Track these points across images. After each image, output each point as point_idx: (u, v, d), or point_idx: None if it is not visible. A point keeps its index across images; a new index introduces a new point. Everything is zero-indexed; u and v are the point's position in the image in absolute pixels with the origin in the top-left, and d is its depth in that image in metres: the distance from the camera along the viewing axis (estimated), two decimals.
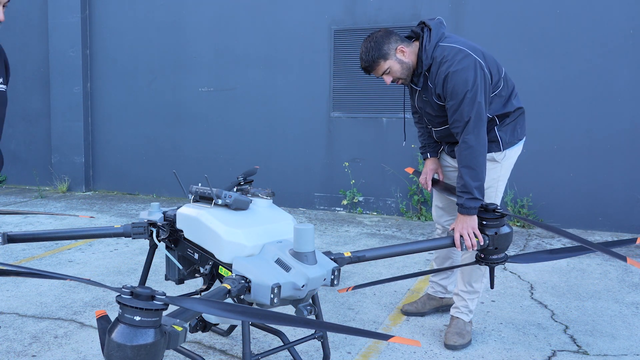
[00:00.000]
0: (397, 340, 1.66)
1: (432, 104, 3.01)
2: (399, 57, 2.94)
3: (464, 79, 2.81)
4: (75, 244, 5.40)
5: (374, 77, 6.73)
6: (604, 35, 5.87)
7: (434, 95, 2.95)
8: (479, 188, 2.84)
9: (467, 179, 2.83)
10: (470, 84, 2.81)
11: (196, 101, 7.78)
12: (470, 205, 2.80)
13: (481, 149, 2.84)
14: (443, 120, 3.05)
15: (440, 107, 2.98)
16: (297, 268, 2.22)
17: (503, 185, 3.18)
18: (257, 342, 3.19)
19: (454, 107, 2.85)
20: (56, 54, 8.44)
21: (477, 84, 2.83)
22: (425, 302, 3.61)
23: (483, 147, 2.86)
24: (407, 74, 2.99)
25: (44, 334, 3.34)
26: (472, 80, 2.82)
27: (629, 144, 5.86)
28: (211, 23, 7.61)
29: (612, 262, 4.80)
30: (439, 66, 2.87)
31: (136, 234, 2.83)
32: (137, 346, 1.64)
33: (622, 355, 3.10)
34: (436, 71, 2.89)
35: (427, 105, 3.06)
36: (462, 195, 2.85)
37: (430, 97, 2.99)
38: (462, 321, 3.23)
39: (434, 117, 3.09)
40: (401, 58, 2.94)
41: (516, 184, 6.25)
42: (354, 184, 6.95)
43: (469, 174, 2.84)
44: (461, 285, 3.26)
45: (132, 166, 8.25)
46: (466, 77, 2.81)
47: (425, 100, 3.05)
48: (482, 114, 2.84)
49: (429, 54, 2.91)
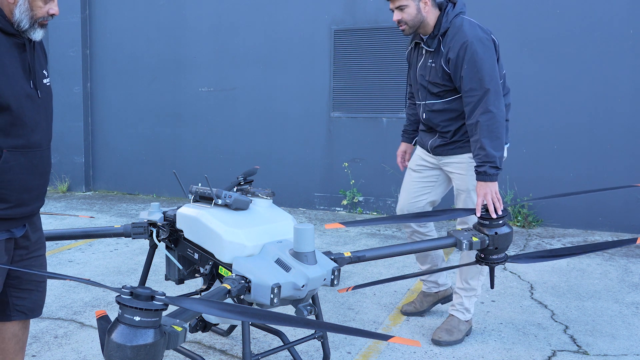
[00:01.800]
0: (397, 340, 1.66)
1: (437, 70, 3.03)
2: (420, 4, 3.00)
3: (483, 49, 2.89)
4: (75, 244, 5.40)
5: (374, 77, 6.76)
6: (604, 35, 5.87)
7: (444, 60, 2.98)
8: (501, 158, 2.94)
9: (489, 149, 2.88)
10: (489, 56, 2.90)
11: (196, 101, 7.78)
12: (493, 172, 2.90)
13: (502, 121, 2.92)
14: (441, 91, 3.07)
15: (445, 75, 3.01)
16: (297, 268, 2.22)
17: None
18: (257, 342, 3.19)
19: (471, 75, 2.89)
20: (56, 54, 8.43)
21: (494, 59, 2.93)
22: (422, 300, 3.62)
23: (503, 118, 2.94)
24: (414, 25, 3.03)
25: (44, 334, 3.34)
26: (491, 53, 2.92)
27: (629, 144, 5.86)
28: (211, 23, 7.61)
29: (612, 262, 4.80)
30: (457, 32, 2.95)
31: (136, 234, 2.83)
32: (137, 346, 1.64)
33: (622, 355, 3.10)
34: (453, 36, 2.96)
35: (430, 72, 3.08)
36: (484, 164, 2.90)
37: (438, 61, 3.02)
38: (457, 319, 3.24)
39: (434, 86, 3.09)
40: (421, 7, 3.00)
41: (516, 184, 6.25)
42: (354, 184, 6.94)
43: (492, 145, 2.89)
44: (459, 282, 3.27)
45: (132, 166, 8.25)
46: (486, 48, 2.90)
47: (431, 65, 3.07)
48: (499, 87, 2.93)
49: (449, 18, 3.01)
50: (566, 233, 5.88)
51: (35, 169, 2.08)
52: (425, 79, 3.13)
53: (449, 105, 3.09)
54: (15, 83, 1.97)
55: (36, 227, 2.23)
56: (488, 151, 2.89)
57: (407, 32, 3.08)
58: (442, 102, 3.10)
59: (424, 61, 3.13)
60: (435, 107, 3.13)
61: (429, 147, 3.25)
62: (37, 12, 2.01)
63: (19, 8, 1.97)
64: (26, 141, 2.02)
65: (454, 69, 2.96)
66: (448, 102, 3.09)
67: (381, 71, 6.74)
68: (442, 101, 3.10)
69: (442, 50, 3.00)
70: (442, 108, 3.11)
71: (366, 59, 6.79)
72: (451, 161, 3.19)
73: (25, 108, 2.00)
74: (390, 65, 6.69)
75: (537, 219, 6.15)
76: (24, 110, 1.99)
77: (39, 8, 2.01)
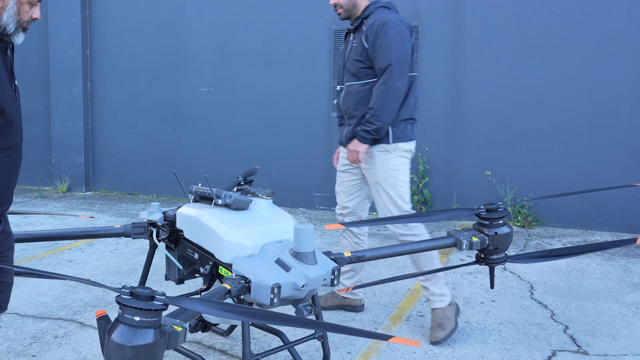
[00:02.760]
0: (397, 340, 1.66)
1: (357, 47, 3.28)
2: None
3: (397, 30, 3.18)
4: (75, 244, 5.40)
5: None
6: (604, 35, 5.87)
7: (364, 36, 3.24)
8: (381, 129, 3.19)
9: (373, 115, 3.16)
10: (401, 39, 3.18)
11: (196, 101, 7.78)
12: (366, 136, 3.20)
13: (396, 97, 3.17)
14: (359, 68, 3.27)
15: (364, 51, 3.24)
16: (297, 268, 2.22)
17: (405, 177, 3.36)
18: (257, 342, 3.19)
19: (382, 47, 3.16)
20: (56, 54, 8.43)
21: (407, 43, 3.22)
22: (328, 299, 3.67)
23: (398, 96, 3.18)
24: (349, 9, 3.33)
25: (44, 334, 3.34)
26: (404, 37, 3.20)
27: (629, 144, 5.86)
28: (211, 23, 7.61)
29: (612, 262, 4.80)
30: (379, 15, 3.24)
31: (136, 234, 2.83)
32: (137, 346, 1.64)
33: (622, 355, 3.10)
34: (375, 18, 3.24)
35: (352, 51, 3.33)
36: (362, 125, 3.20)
37: (359, 39, 3.28)
38: (440, 310, 3.26)
39: (353, 64, 3.30)
40: None
41: (516, 184, 6.25)
42: None
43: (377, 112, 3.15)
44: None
45: (132, 166, 8.25)
46: (401, 30, 3.20)
47: (353, 44, 3.33)
48: (405, 68, 3.18)
49: (376, 5, 3.32)
50: (566, 233, 5.88)
51: (16, 168, 2.13)
52: (348, 60, 3.37)
53: (364, 87, 3.28)
54: (6, 86, 2.01)
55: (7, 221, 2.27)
56: (372, 115, 3.17)
57: (342, 15, 3.37)
58: (358, 84, 3.31)
59: (350, 45, 3.39)
60: (352, 89, 3.34)
61: (343, 139, 3.43)
62: (23, 17, 2.06)
63: (8, 12, 2.01)
64: (12, 142, 2.06)
65: (372, 44, 3.21)
66: (363, 84, 3.29)
67: None
68: (358, 83, 3.31)
69: (362, 29, 3.29)
70: (357, 90, 3.31)
71: None
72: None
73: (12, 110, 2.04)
74: None
75: (537, 219, 6.15)
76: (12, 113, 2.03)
77: (25, 12, 2.06)
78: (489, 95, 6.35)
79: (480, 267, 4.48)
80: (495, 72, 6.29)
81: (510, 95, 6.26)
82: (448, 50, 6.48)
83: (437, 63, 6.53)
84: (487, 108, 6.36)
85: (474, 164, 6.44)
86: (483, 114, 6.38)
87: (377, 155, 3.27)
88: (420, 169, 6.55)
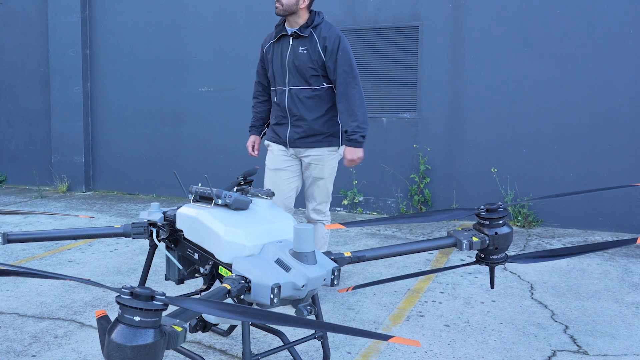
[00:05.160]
0: (397, 340, 1.66)
1: (311, 55, 3.52)
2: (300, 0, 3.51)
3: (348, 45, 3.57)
4: (75, 244, 5.40)
5: (374, 77, 6.75)
6: (604, 35, 5.87)
7: (321, 47, 3.51)
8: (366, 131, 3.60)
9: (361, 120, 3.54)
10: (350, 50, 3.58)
11: (196, 101, 7.78)
12: (362, 140, 3.56)
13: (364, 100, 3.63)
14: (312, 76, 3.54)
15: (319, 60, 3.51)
16: (297, 268, 2.22)
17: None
18: (257, 342, 3.19)
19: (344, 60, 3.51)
20: (56, 54, 8.44)
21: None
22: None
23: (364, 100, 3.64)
24: (288, 9, 3.50)
25: (44, 334, 3.34)
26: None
27: (629, 144, 5.86)
28: (211, 23, 7.61)
29: (612, 262, 4.80)
30: (330, 27, 3.55)
31: (136, 234, 2.83)
32: (137, 346, 1.64)
33: (622, 355, 3.10)
34: (327, 30, 3.53)
35: (303, 57, 3.54)
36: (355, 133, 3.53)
37: (313, 47, 3.52)
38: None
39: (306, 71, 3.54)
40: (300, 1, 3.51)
41: (516, 184, 6.25)
42: (354, 184, 6.94)
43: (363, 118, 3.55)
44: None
45: (132, 166, 8.25)
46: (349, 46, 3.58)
47: (303, 52, 3.53)
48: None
49: (321, 17, 3.59)
50: (566, 233, 5.88)
51: None
52: (295, 64, 3.57)
53: (315, 93, 3.59)
54: None
55: None
56: (361, 121, 3.52)
57: (278, 11, 3.53)
58: (310, 89, 3.58)
59: (292, 49, 3.58)
60: (303, 94, 3.58)
61: (287, 140, 3.69)
62: None
63: None
64: None
65: (330, 55, 3.50)
66: (314, 90, 3.59)
67: (381, 71, 6.73)
68: (310, 88, 3.58)
69: (315, 39, 3.52)
70: (309, 95, 3.59)
71: (366, 59, 6.78)
72: (311, 154, 3.69)
73: None
74: (390, 65, 6.69)
75: (537, 219, 6.15)
76: None
77: None
78: (489, 95, 6.35)
79: (480, 267, 4.48)
80: (495, 72, 6.29)
81: (510, 95, 6.27)
82: (448, 50, 6.48)
83: (437, 63, 6.53)
84: (487, 108, 6.36)
85: (474, 164, 6.45)
86: (483, 114, 6.38)
87: (327, 155, 3.70)
88: (422, 169, 6.55)
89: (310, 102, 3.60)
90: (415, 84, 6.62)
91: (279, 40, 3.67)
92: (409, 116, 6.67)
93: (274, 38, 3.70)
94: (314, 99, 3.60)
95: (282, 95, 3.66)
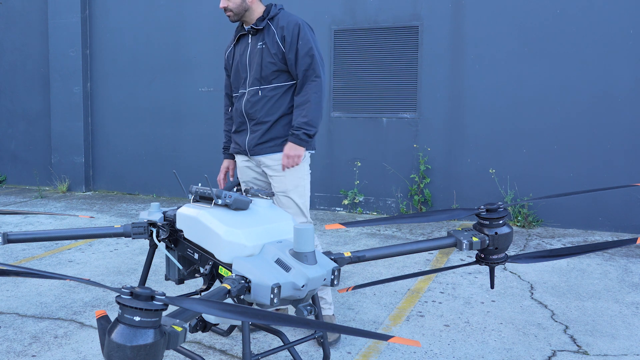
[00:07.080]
0: (397, 340, 1.66)
1: (270, 48, 3.16)
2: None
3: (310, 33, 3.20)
4: (75, 244, 5.40)
5: (374, 77, 6.76)
6: (604, 35, 5.87)
7: (279, 37, 3.16)
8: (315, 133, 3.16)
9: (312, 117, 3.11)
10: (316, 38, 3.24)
11: (196, 101, 7.78)
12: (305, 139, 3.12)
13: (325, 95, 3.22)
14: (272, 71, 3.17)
15: (279, 52, 3.15)
16: (297, 268, 2.22)
17: (309, 188, 3.30)
18: (257, 342, 3.19)
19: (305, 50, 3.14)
20: (56, 54, 8.44)
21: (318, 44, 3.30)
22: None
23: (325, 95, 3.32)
24: (239, 13, 3.20)
25: (44, 334, 3.34)
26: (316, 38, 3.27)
27: (629, 144, 5.86)
28: (211, 23, 7.61)
29: (612, 262, 4.80)
30: (288, 16, 3.20)
31: (136, 234, 2.83)
32: (137, 346, 1.64)
33: (622, 355, 3.10)
34: (285, 19, 3.19)
35: (262, 53, 3.19)
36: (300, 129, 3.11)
37: (271, 39, 3.17)
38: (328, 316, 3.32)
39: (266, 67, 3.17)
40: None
41: (516, 184, 6.25)
42: (355, 184, 6.95)
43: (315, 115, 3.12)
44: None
45: (132, 166, 8.25)
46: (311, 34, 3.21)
47: (262, 47, 3.19)
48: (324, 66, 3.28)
49: (278, 7, 3.26)
50: (566, 233, 5.88)
51: None
52: (255, 60, 3.22)
53: (275, 91, 3.19)
54: None
55: None
56: (310, 118, 3.10)
57: (232, 18, 3.24)
58: (269, 88, 3.19)
59: (252, 47, 3.25)
60: (262, 94, 3.20)
61: (247, 147, 3.25)
62: None
63: None
64: None
65: (290, 46, 3.14)
66: (274, 88, 3.19)
67: (381, 71, 6.74)
68: (269, 87, 3.19)
69: (272, 30, 3.19)
70: (269, 95, 3.19)
71: (366, 59, 6.79)
72: (268, 162, 3.22)
73: None
74: (390, 65, 6.70)
75: (537, 219, 6.15)
76: None
77: None
78: (489, 95, 6.35)
79: (480, 267, 4.48)
80: (495, 72, 6.29)
81: (510, 95, 6.27)
82: (448, 50, 6.48)
83: (437, 63, 6.53)
84: (487, 108, 6.37)
85: (474, 164, 6.45)
86: (483, 114, 6.38)
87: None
88: (422, 169, 6.55)
89: (270, 103, 3.19)
90: (415, 84, 6.62)
91: (239, 42, 3.34)
92: (409, 116, 6.67)
93: (233, 41, 3.38)
94: (274, 99, 3.19)
95: (241, 99, 3.28)
